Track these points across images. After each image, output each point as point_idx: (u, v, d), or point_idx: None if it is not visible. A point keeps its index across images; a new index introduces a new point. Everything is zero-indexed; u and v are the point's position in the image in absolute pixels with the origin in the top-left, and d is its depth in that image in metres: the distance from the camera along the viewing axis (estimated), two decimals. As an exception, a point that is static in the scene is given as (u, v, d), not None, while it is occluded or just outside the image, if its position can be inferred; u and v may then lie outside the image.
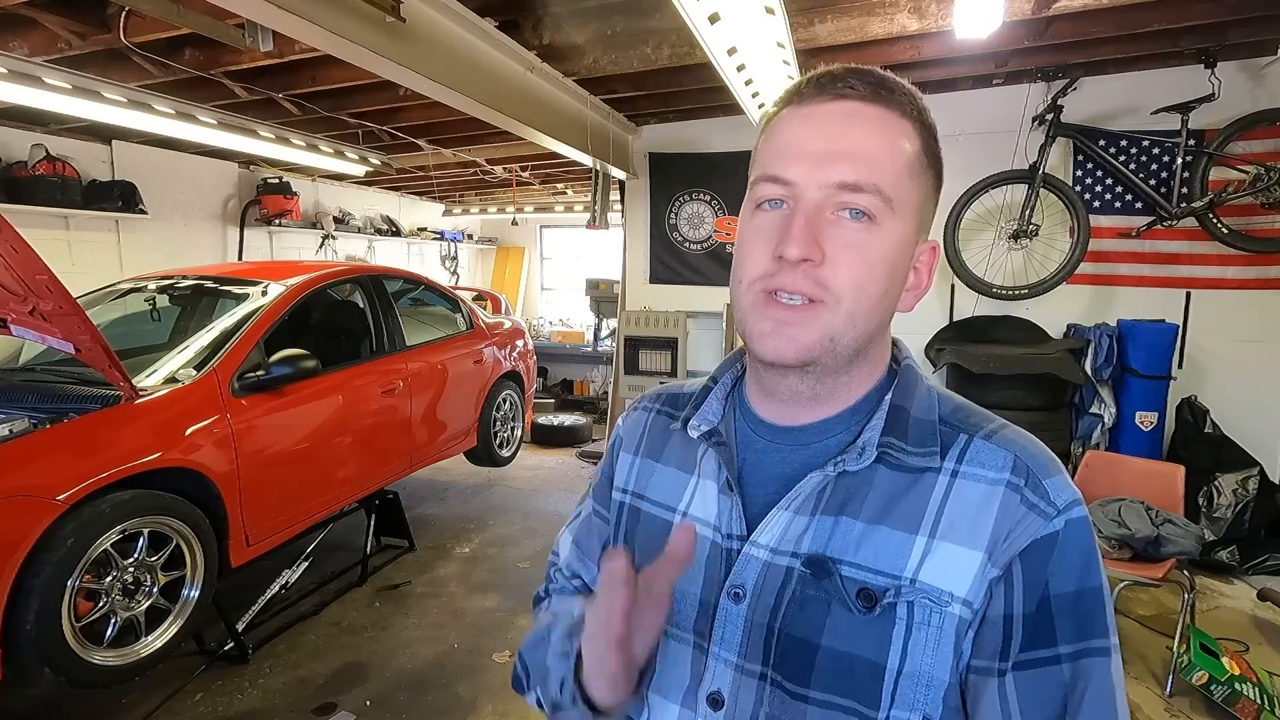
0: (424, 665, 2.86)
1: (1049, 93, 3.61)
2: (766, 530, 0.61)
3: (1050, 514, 0.55)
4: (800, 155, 0.57)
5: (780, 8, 1.99)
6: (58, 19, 2.61)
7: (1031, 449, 0.59)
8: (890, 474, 0.59)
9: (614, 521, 0.77)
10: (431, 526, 4.34)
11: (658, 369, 4.60)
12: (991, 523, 0.55)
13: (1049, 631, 0.54)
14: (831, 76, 0.58)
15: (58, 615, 2.13)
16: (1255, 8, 2.83)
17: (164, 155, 4.77)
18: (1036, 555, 0.54)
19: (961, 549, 0.55)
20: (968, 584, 0.55)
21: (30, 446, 2.20)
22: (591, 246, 8.39)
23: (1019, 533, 0.55)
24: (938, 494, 0.58)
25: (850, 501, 0.59)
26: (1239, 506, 3.49)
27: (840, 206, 0.56)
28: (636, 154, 4.67)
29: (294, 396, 3.02)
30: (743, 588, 0.61)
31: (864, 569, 0.57)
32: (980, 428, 0.60)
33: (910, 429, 0.60)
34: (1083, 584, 0.54)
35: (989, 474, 0.57)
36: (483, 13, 2.64)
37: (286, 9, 1.84)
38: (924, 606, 0.55)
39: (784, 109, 0.61)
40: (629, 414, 0.82)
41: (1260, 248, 3.55)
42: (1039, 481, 0.56)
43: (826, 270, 0.56)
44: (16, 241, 2.03)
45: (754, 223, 0.60)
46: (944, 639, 0.55)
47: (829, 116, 0.57)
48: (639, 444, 0.77)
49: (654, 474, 0.74)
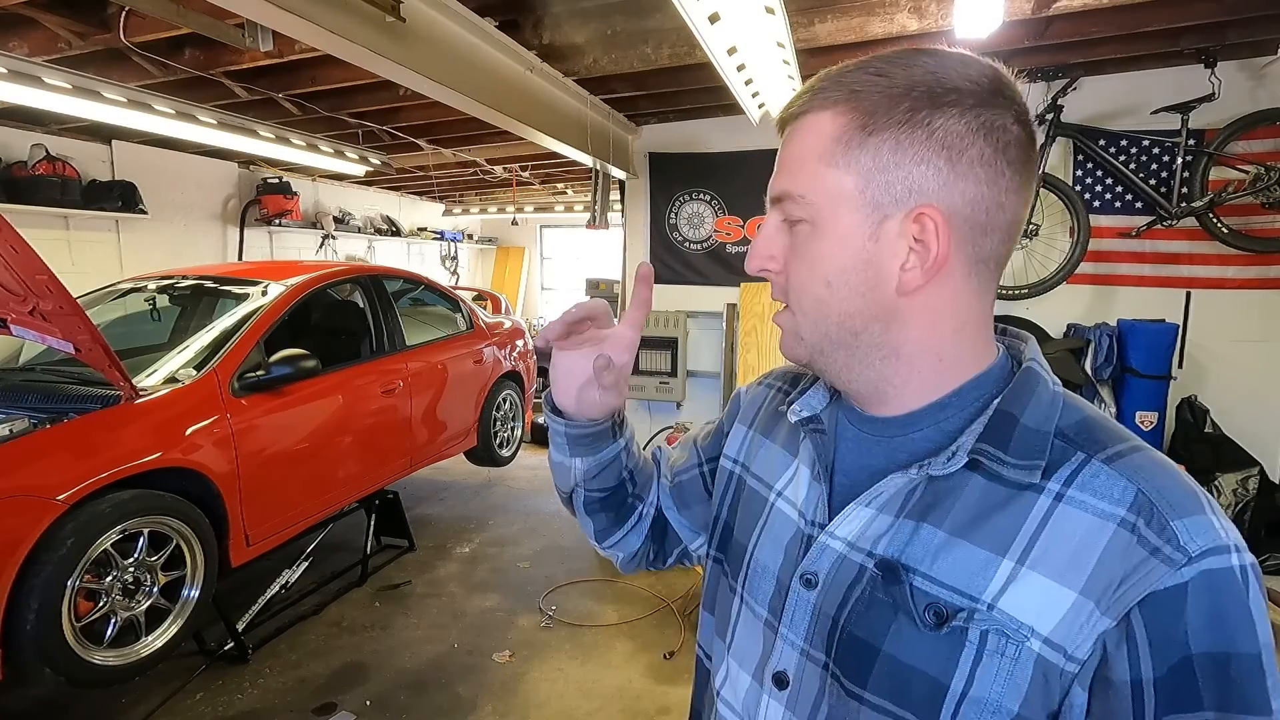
0: (424, 665, 2.86)
1: (1049, 92, 3.61)
2: (845, 523, 0.60)
3: (1178, 561, 0.47)
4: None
5: (780, 8, 1.98)
6: (58, 19, 2.61)
7: (1163, 480, 0.51)
8: (984, 484, 0.54)
9: (719, 489, 0.80)
10: (431, 526, 4.34)
11: (658, 369, 4.60)
12: (1094, 562, 0.49)
13: (1192, 695, 0.46)
14: (802, 90, 0.61)
15: (58, 615, 2.13)
16: (1255, 8, 2.82)
17: (164, 155, 4.77)
18: (1161, 610, 0.47)
19: (1052, 583, 0.50)
20: (1054, 622, 0.49)
21: (30, 446, 2.20)
22: (591, 246, 8.39)
23: (1135, 580, 0.47)
24: (1035, 516, 0.52)
25: (935, 508, 0.55)
26: (1239, 506, 3.49)
27: (784, 217, 0.60)
28: (636, 154, 4.67)
29: (294, 396, 3.02)
30: (815, 575, 0.61)
31: (938, 583, 0.54)
32: (1105, 448, 0.53)
33: (1015, 438, 0.54)
34: (1230, 647, 0.46)
35: (1101, 505, 0.50)
36: (483, 13, 2.63)
37: (286, 9, 1.83)
38: (999, 635, 0.51)
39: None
40: (753, 386, 0.84)
41: (1260, 247, 3.54)
42: (1166, 522, 0.48)
43: (783, 278, 0.62)
44: (16, 241, 2.03)
45: None
46: (1019, 671, 0.50)
47: (790, 133, 0.61)
48: (754, 418, 0.79)
49: (762, 449, 0.75)
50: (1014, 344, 0.64)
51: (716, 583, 0.76)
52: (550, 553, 3.98)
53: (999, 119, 0.54)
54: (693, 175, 4.56)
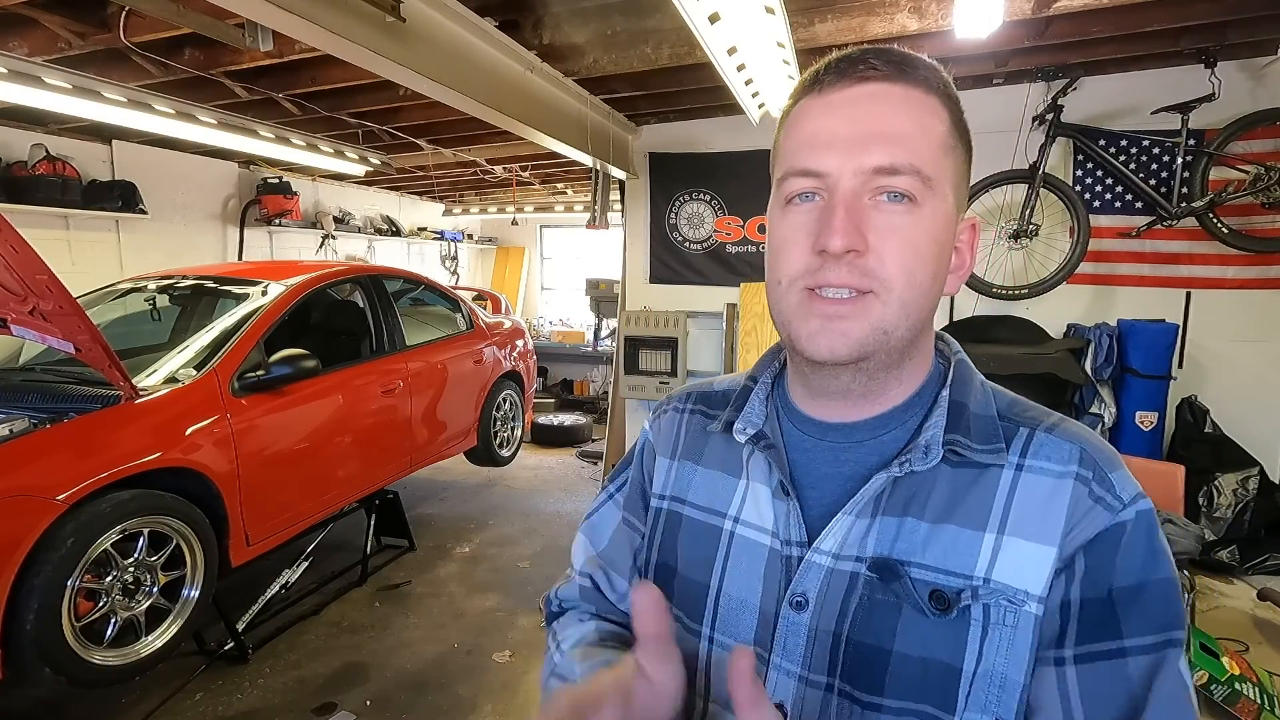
0: (424, 665, 2.86)
1: (1049, 92, 3.61)
2: (830, 536, 0.58)
3: (1117, 507, 0.54)
4: (830, 144, 0.55)
5: (780, 7, 1.99)
6: (58, 19, 2.61)
7: (1095, 442, 0.57)
8: (952, 471, 0.57)
9: (649, 528, 0.73)
10: (431, 526, 4.34)
11: (658, 369, 4.60)
12: (1063, 516, 0.54)
13: (1113, 624, 0.52)
14: (850, 60, 0.56)
15: (58, 615, 2.13)
16: (1255, 8, 2.82)
17: (164, 155, 4.76)
18: (1101, 547, 0.53)
19: (1033, 545, 0.54)
20: (1043, 580, 0.53)
21: (30, 446, 2.20)
22: (591, 246, 8.39)
23: (1085, 524, 0.53)
24: (1003, 489, 0.56)
25: (913, 501, 0.57)
26: (1239, 506, 3.49)
27: (879, 191, 0.54)
28: (636, 154, 4.67)
29: (294, 396, 3.02)
30: (805, 596, 0.59)
31: (934, 570, 0.55)
32: (1040, 421, 0.59)
33: (972, 425, 0.58)
34: (1149, 575, 0.53)
35: (1055, 466, 0.56)
36: (483, 12, 2.63)
37: (286, 9, 1.84)
38: (1000, 607, 0.53)
39: (802, 99, 0.58)
40: (658, 417, 0.78)
41: (1260, 247, 3.55)
42: (1105, 474, 0.55)
43: (872, 260, 0.54)
44: (16, 241, 2.03)
45: (787, 220, 0.58)
46: (1019, 638, 0.53)
47: (854, 101, 0.55)
48: (675, 447, 0.74)
49: (695, 477, 0.70)
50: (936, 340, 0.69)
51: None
52: (550, 553, 3.98)
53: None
54: (693, 175, 4.56)
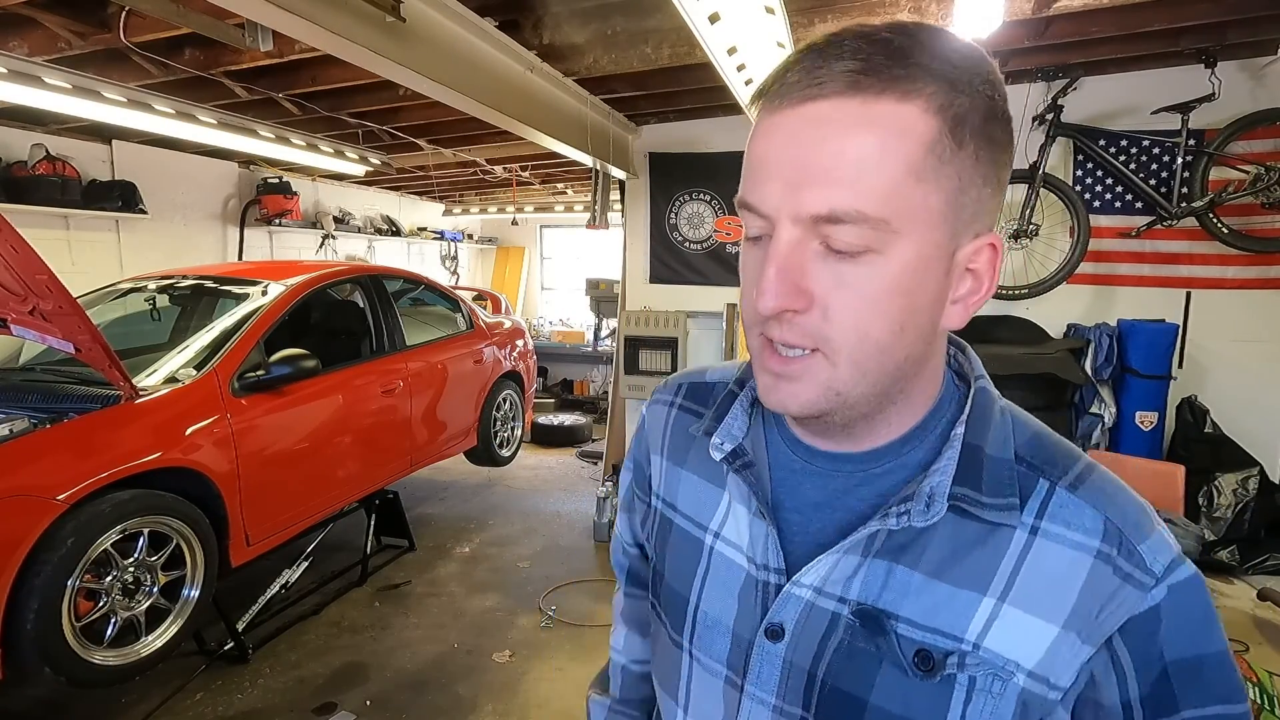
0: (424, 665, 2.86)
1: (1049, 92, 3.61)
2: (813, 571, 0.55)
3: (1148, 583, 0.49)
4: (771, 177, 0.47)
5: (780, 7, 1.99)
6: (58, 19, 2.61)
7: (1122, 504, 0.52)
8: (957, 521, 0.52)
9: (651, 527, 0.71)
10: (431, 526, 4.34)
11: (658, 369, 4.60)
12: (1075, 595, 0.49)
13: (1169, 701, 0.49)
14: (804, 68, 0.46)
15: (58, 615, 2.13)
16: (1255, 8, 2.82)
17: (164, 155, 4.76)
18: (1140, 631, 0.49)
19: (1034, 619, 0.50)
20: (1038, 657, 0.50)
21: (30, 446, 2.20)
22: (591, 246, 8.39)
23: (1113, 607, 0.49)
24: (1013, 552, 0.51)
25: (908, 549, 0.52)
26: (1239, 506, 3.49)
27: (823, 241, 0.46)
28: (636, 154, 4.67)
29: (294, 396, 3.02)
30: (781, 626, 0.56)
31: (922, 628, 0.51)
32: (1065, 472, 0.53)
33: (986, 474, 0.52)
34: (1199, 649, 0.49)
35: (1074, 536, 0.50)
36: (483, 12, 2.63)
37: (286, 9, 1.83)
38: (986, 676, 0.50)
39: (759, 107, 0.49)
40: (650, 406, 0.74)
41: (1260, 247, 3.54)
42: (1133, 547, 0.50)
43: (815, 317, 0.47)
44: (16, 241, 2.03)
45: (747, 258, 0.52)
46: (1003, 705, 0.50)
47: (799, 126, 0.46)
48: (663, 444, 0.71)
49: (681, 482, 0.67)
50: (951, 352, 0.60)
51: (657, 634, 0.68)
52: (550, 553, 3.98)
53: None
54: (693, 175, 4.56)
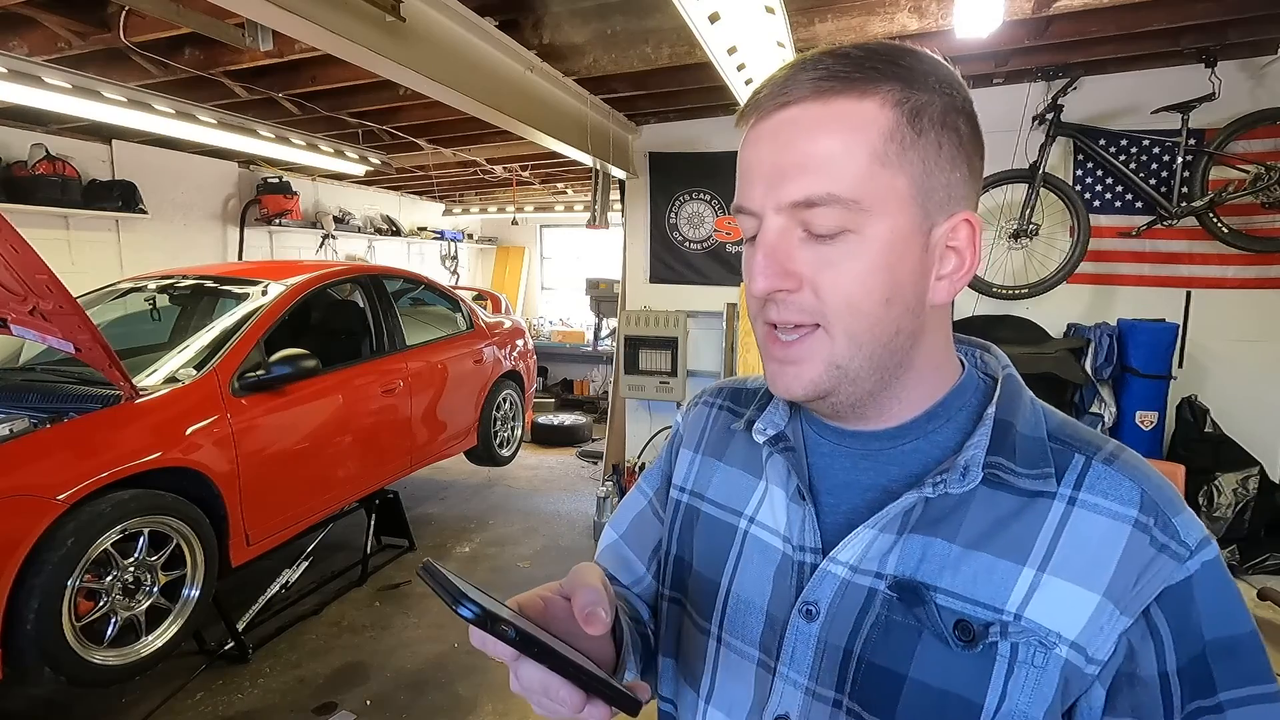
0: (424, 665, 2.86)
1: (1049, 92, 3.61)
2: (848, 547, 0.56)
3: (1183, 555, 0.50)
4: (756, 180, 0.54)
5: (780, 7, 1.99)
6: (58, 19, 2.61)
7: (1156, 480, 0.53)
8: (992, 494, 0.54)
9: (669, 521, 0.73)
10: (431, 526, 4.34)
11: (658, 369, 4.59)
12: (1114, 564, 0.50)
13: (1207, 681, 0.49)
14: (776, 85, 0.53)
15: (58, 615, 2.13)
16: (1255, 7, 2.82)
17: (164, 155, 4.76)
18: (1176, 600, 0.50)
19: (1076, 588, 0.50)
20: (1080, 626, 0.50)
21: (30, 446, 2.20)
22: (591, 246, 8.39)
23: (1149, 576, 0.50)
24: (1051, 522, 0.52)
25: (944, 522, 0.54)
26: (1239, 506, 3.49)
27: (804, 226, 0.52)
28: (636, 153, 4.67)
29: (294, 396, 3.02)
30: (816, 605, 0.57)
31: (962, 599, 0.52)
32: (1098, 448, 0.55)
33: (1019, 447, 0.54)
34: (1233, 629, 0.50)
35: (1114, 506, 0.52)
36: (483, 12, 2.63)
37: (286, 9, 1.83)
38: (1030, 646, 0.50)
39: (745, 123, 0.56)
40: (690, 409, 0.78)
41: (1260, 247, 3.54)
42: (1169, 520, 0.51)
43: (808, 295, 0.53)
44: (16, 241, 2.03)
45: (745, 257, 0.57)
46: (1045, 679, 0.50)
47: (775, 131, 0.53)
48: (700, 441, 0.74)
49: (716, 473, 0.70)
50: (974, 352, 0.64)
51: (678, 625, 0.70)
52: (550, 552, 3.98)
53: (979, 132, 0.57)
54: (693, 175, 4.56)
